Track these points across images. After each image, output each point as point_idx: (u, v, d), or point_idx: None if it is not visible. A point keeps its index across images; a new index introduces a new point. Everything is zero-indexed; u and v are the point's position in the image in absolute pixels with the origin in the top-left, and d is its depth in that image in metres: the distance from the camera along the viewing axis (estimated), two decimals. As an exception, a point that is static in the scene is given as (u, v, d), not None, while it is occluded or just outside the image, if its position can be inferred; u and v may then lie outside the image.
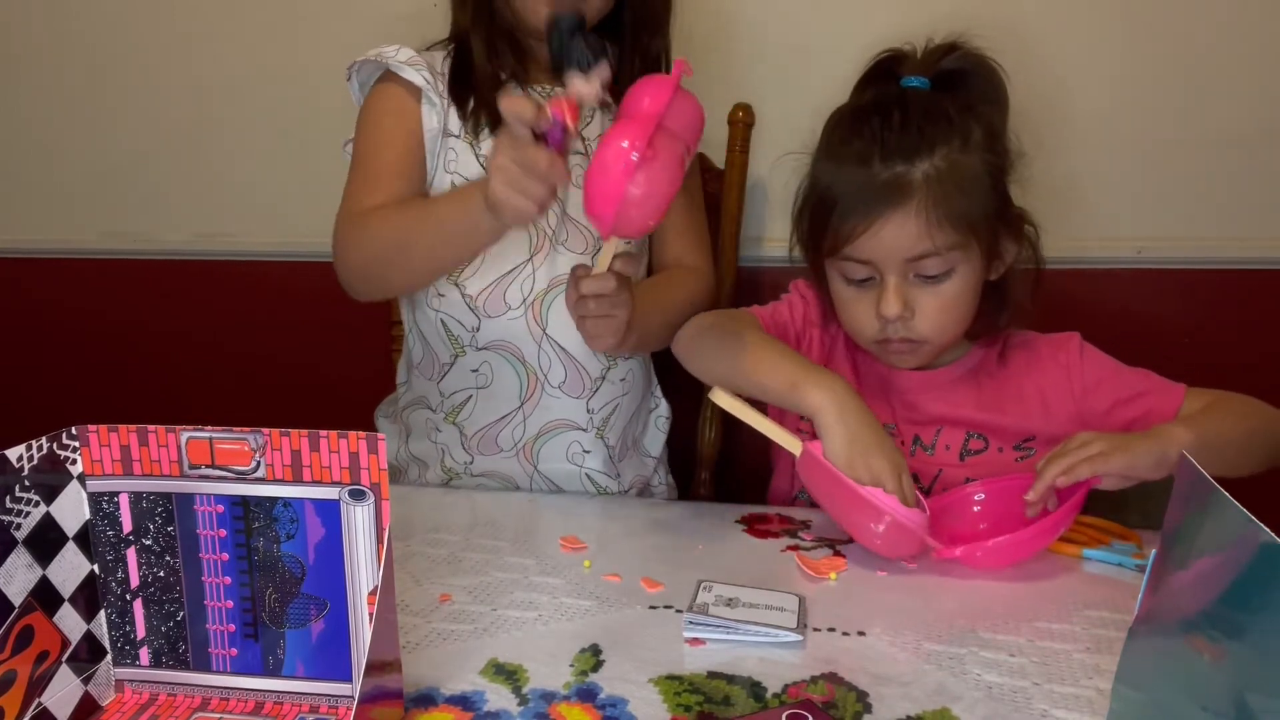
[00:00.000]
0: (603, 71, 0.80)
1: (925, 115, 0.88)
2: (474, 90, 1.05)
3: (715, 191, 1.34)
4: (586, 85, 0.79)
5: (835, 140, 0.93)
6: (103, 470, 0.62)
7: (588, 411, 1.09)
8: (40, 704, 0.59)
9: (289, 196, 1.57)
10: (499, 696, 0.61)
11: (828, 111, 0.98)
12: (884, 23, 1.35)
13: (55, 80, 1.64)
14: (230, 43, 1.56)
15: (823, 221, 0.91)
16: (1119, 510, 0.89)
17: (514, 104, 0.78)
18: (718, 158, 1.34)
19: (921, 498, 0.84)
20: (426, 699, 0.62)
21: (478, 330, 1.05)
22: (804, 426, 0.92)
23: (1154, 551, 0.54)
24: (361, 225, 0.99)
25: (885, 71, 0.96)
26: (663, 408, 1.21)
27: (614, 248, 0.86)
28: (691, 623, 0.67)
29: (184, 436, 0.62)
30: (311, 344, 1.61)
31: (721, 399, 0.85)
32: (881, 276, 0.91)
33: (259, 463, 0.62)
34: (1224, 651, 0.47)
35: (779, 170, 0.98)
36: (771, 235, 1.44)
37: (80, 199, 1.67)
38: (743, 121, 1.31)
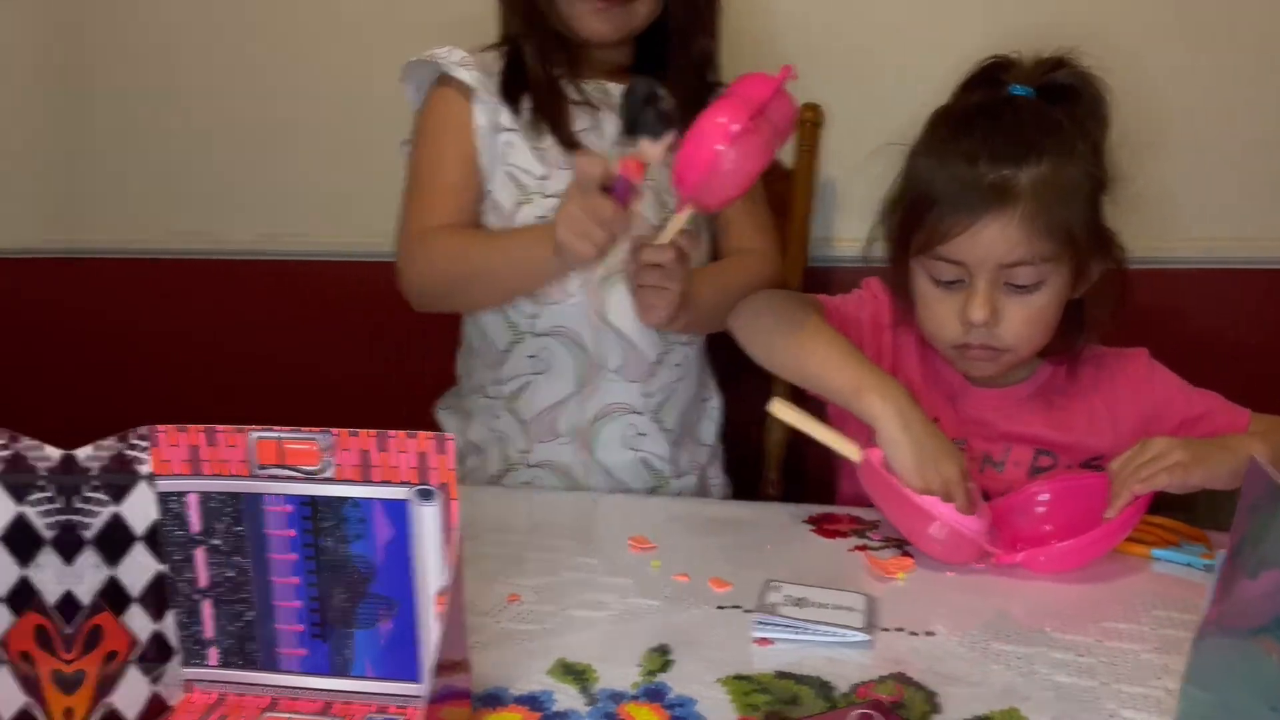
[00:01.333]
0: (669, 139, 0.85)
1: (1036, 122, 0.88)
2: (530, 92, 1.06)
3: (783, 192, 1.33)
4: (654, 148, 0.84)
5: (939, 138, 0.91)
6: (171, 470, 0.61)
7: (644, 395, 1.10)
8: (109, 704, 0.59)
9: (290, 196, 1.57)
10: (567, 696, 0.61)
11: (895, 111, 0.94)
12: (948, 19, 1.35)
13: (54, 81, 1.62)
14: (229, 42, 1.55)
15: (917, 218, 0.89)
16: (1187, 510, 0.88)
17: (587, 164, 0.85)
18: (786, 158, 1.33)
19: (982, 503, 0.83)
20: (494, 698, 0.61)
21: (537, 317, 1.08)
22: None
23: (1222, 552, 0.53)
24: (427, 247, 1.03)
25: (991, 77, 0.94)
26: (715, 400, 1.21)
27: (681, 223, 0.88)
28: (761, 623, 0.66)
29: (253, 437, 0.61)
30: (311, 344, 1.60)
31: (781, 411, 0.84)
32: (971, 280, 0.89)
33: (328, 463, 0.61)
34: None
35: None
36: (841, 235, 1.43)
37: (79, 200, 1.66)
38: (811, 122, 1.30)
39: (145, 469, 0.61)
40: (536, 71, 1.06)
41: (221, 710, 0.63)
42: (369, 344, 1.59)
